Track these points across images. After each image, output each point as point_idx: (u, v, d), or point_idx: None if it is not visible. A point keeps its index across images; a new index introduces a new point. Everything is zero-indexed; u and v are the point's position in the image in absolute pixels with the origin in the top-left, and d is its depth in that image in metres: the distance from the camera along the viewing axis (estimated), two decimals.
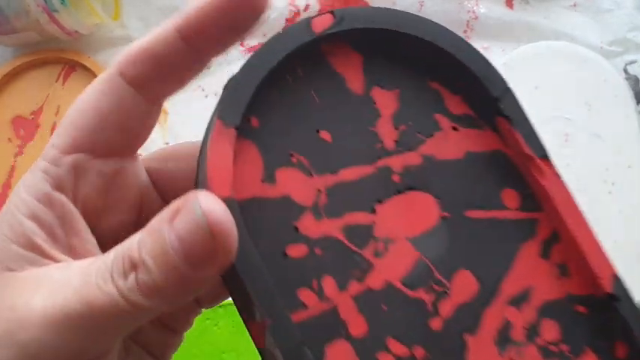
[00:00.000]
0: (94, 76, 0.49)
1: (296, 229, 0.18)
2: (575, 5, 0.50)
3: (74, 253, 0.18)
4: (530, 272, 0.19)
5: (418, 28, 0.20)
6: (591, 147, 0.46)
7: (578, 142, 0.46)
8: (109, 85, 0.19)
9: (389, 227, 0.19)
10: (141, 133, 0.20)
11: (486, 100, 0.20)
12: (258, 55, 0.18)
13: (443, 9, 0.49)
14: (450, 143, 0.20)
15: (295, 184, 0.18)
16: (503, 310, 0.19)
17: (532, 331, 0.19)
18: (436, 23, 0.20)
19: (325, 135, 0.19)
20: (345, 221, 0.19)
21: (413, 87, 0.20)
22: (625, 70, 0.48)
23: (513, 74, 0.46)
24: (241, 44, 0.50)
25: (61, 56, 0.50)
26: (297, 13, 0.50)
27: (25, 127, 0.49)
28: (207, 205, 0.14)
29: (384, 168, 0.19)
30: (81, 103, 0.19)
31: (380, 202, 0.19)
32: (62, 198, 0.18)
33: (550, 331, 0.19)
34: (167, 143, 0.47)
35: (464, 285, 0.19)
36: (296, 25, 0.19)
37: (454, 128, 0.20)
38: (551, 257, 0.19)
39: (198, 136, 0.18)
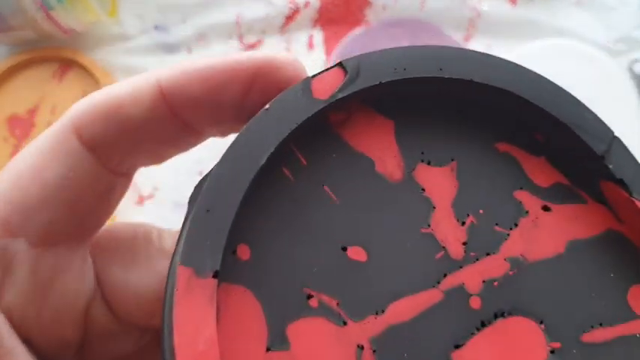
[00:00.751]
0: (90, 74, 0.48)
1: None
2: (579, 2, 0.49)
3: None
4: None
5: (469, 67, 0.14)
6: None
7: None
8: (58, 146, 0.13)
9: None
10: (99, 214, 0.15)
11: (585, 158, 0.14)
12: (239, 147, 0.12)
13: (445, 6, 0.49)
14: (544, 232, 0.14)
15: (322, 343, 0.12)
16: None
17: None
18: (490, 55, 0.14)
19: (356, 253, 0.13)
20: None
21: (475, 155, 0.14)
22: (630, 69, 0.47)
23: None
24: (240, 40, 0.49)
25: (57, 54, 0.49)
26: (297, 11, 0.49)
27: (21, 127, 0.49)
28: None
29: (454, 290, 0.13)
30: (18, 167, 0.14)
31: (458, 346, 0.12)
32: None
33: None
34: None
35: None
36: (290, 92, 0.13)
37: (545, 208, 0.14)
38: None
39: None
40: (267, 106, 0.13)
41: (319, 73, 0.13)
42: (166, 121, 0.14)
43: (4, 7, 0.46)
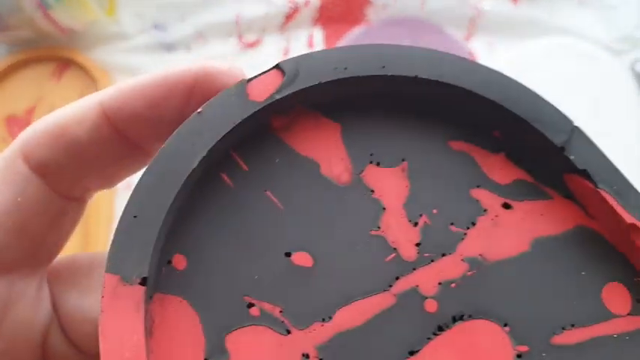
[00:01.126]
0: (89, 74, 0.48)
1: None
2: (581, 1, 0.49)
3: None
4: None
5: (413, 64, 0.13)
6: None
7: None
8: (7, 172, 0.13)
9: None
10: (53, 240, 0.14)
11: (545, 152, 0.13)
12: (169, 151, 0.12)
13: (446, 5, 0.48)
14: (506, 230, 0.13)
15: (263, 354, 0.11)
16: None
17: None
18: (437, 51, 0.13)
19: (301, 258, 0.12)
20: None
21: (427, 154, 0.13)
22: (632, 68, 0.47)
23: (517, 72, 0.45)
24: (239, 39, 0.49)
25: (55, 54, 0.49)
26: (297, 10, 0.49)
27: (19, 126, 0.48)
28: None
29: (408, 293, 0.12)
30: None
31: (413, 353, 0.12)
32: None
33: None
34: None
35: None
36: (223, 95, 0.12)
37: (506, 205, 0.13)
38: None
39: None
40: (199, 109, 0.12)
41: (256, 76, 0.13)
42: (113, 142, 0.13)
43: (1, 6, 0.45)
